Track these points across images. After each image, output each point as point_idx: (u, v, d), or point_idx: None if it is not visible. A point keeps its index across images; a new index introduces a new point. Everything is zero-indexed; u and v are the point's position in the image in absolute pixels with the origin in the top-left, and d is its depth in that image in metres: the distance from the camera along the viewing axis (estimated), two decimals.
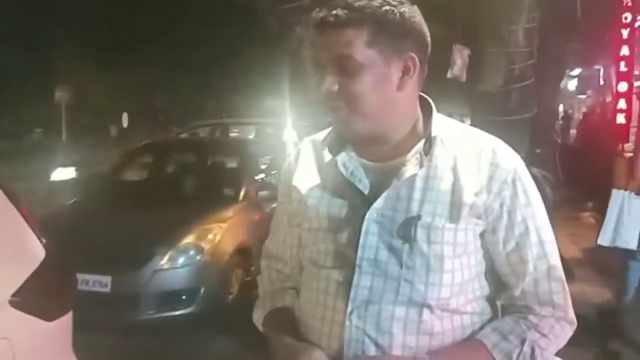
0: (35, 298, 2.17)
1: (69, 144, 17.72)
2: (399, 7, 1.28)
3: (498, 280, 1.39)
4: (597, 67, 16.89)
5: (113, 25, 19.17)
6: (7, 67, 17.02)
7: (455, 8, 5.36)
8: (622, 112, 10.34)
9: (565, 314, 1.36)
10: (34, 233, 2.38)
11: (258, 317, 1.56)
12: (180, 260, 4.94)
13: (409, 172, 1.30)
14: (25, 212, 2.40)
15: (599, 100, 17.42)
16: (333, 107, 1.31)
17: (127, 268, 4.82)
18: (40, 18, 18.33)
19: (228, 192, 6.05)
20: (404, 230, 1.29)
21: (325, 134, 1.44)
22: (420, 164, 1.31)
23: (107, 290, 4.70)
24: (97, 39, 19.45)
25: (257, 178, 6.62)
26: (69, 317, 2.44)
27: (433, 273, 1.29)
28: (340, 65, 1.27)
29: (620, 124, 10.03)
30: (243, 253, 5.48)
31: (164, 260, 4.86)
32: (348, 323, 1.29)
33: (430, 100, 1.40)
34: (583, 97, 22.91)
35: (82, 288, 4.44)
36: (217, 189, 6.13)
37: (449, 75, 4.97)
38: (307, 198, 1.41)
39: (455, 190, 1.30)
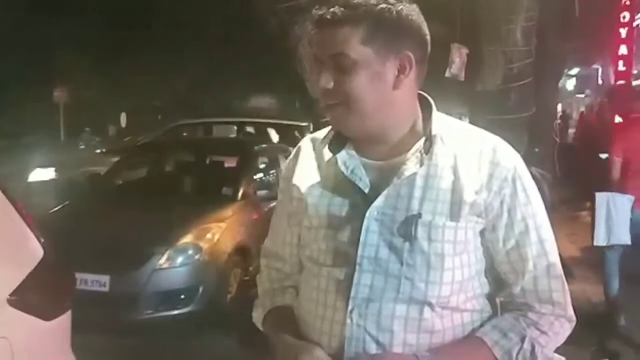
0: (34, 297, 2.17)
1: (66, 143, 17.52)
2: (396, 5, 1.28)
3: (498, 278, 1.39)
4: (595, 66, 16.94)
5: (112, 25, 19.15)
6: (6, 67, 17.01)
7: (454, 7, 5.36)
8: None
9: (565, 312, 1.36)
10: (33, 232, 2.38)
11: (258, 316, 1.56)
12: (179, 260, 4.94)
13: (410, 170, 1.31)
14: (23, 211, 2.40)
15: (598, 100, 17.43)
16: (329, 104, 1.32)
17: (125, 267, 4.81)
18: (40, 18, 18.32)
19: (226, 191, 6.04)
20: (405, 229, 1.29)
21: (326, 132, 1.44)
22: (421, 163, 1.31)
23: (105, 290, 4.70)
24: (96, 39, 19.42)
25: (255, 177, 6.62)
26: (68, 316, 2.43)
27: (433, 271, 1.29)
28: (336, 63, 1.28)
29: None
30: (241, 252, 5.48)
31: (163, 260, 4.85)
32: (349, 321, 1.29)
33: (430, 99, 1.40)
34: (581, 96, 22.95)
35: (80, 287, 4.42)
36: (215, 189, 6.12)
37: (448, 74, 4.97)
38: (307, 196, 1.41)
39: (456, 189, 1.30)
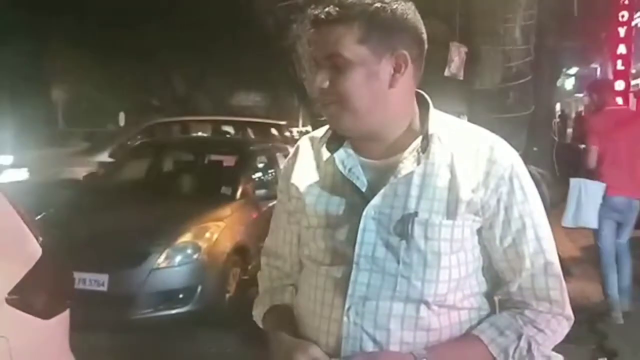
0: (32, 296, 2.17)
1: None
2: (392, 4, 1.28)
3: (495, 276, 1.39)
4: (594, 65, 16.93)
5: (111, 25, 19.14)
6: (4, 66, 16.99)
7: (453, 5, 5.35)
8: None
9: (562, 310, 1.36)
10: (31, 231, 2.38)
11: (258, 314, 1.57)
12: (178, 259, 4.93)
13: (406, 169, 1.31)
14: (22, 210, 2.39)
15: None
16: (325, 103, 1.32)
17: (124, 267, 4.80)
18: (39, 18, 18.30)
19: (225, 190, 6.04)
20: (401, 227, 1.29)
21: (324, 132, 1.44)
22: (418, 161, 1.31)
23: (104, 289, 4.69)
24: (95, 39, 19.41)
25: (254, 177, 6.62)
26: (66, 315, 2.43)
27: (430, 269, 1.29)
28: (332, 62, 1.29)
29: None
30: (240, 252, 5.48)
31: (161, 259, 4.84)
32: (345, 319, 1.29)
33: (428, 97, 1.40)
34: (580, 95, 22.93)
35: (79, 287, 4.42)
36: (214, 188, 6.12)
37: (447, 73, 4.96)
38: (305, 196, 1.41)
39: (452, 187, 1.30)
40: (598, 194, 4.81)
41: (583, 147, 5.11)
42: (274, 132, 13.05)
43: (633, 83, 11.49)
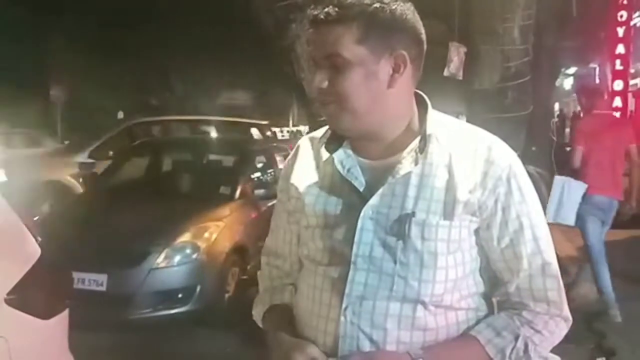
0: (31, 296, 2.17)
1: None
2: (391, 4, 1.29)
3: (493, 277, 1.39)
4: (592, 65, 16.93)
5: (110, 25, 19.15)
6: (4, 66, 16.98)
7: (451, 5, 5.35)
8: (617, 110, 10.37)
9: (560, 311, 1.36)
10: (30, 231, 2.38)
11: (257, 313, 1.57)
12: (177, 259, 4.93)
13: (404, 169, 1.31)
14: (21, 210, 2.40)
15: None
16: (323, 103, 1.33)
17: (123, 266, 4.80)
18: (40, 19, 18.31)
19: (224, 190, 6.04)
20: (398, 227, 1.29)
21: (323, 132, 1.44)
22: (416, 162, 1.31)
23: (103, 289, 4.69)
24: (94, 38, 19.43)
25: (253, 176, 6.62)
26: (65, 315, 2.43)
27: (426, 269, 1.30)
28: (330, 62, 1.29)
29: None
30: (239, 251, 5.48)
31: (160, 259, 4.84)
32: (343, 319, 1.30)
33: (426, 98, 1.40)
34: None
35: (78, 287, 4.43)
36: (213, 188, 6.12)
37: (446, 73, 4.96)
38: (304, 195, 1.42)
39: (450, 188, 1.30)
40: (579, 193, 4.97)
41: (568, 149, 5.30)
42: (255, 132, 13.00)
43: (632, 83, 11.49)
